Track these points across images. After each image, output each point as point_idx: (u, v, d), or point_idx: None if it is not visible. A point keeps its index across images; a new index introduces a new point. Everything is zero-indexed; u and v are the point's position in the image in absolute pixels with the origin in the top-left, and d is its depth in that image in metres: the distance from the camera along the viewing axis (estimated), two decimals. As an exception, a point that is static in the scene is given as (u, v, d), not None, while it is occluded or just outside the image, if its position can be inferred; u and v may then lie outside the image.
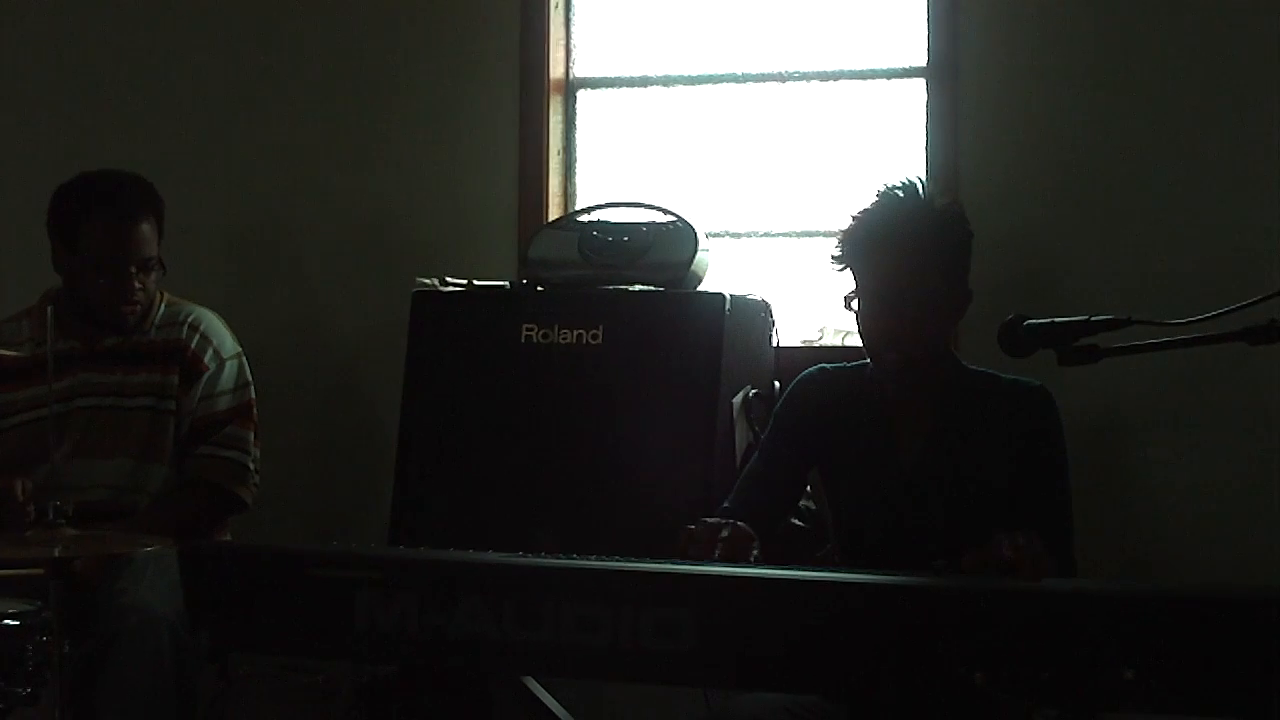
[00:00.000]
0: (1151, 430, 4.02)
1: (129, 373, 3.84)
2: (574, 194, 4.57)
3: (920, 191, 2.97)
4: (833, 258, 2.99)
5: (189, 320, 3.91)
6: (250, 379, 3.96)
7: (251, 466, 3.90)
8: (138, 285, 3.78)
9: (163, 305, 3.91)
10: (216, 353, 3.90)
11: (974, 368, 3.05)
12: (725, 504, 3.14)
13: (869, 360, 3.01)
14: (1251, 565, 3.86)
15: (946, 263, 2.94)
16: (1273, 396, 3.67)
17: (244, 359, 3.97)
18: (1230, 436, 3.96)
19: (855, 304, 2.96)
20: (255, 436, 3.93)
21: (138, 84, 4.80)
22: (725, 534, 2.72)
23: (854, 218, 2.97)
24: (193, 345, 3.88)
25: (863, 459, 3.04)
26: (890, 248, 2.91)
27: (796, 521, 3.44)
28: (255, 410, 3.96)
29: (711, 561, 2.66)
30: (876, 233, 2.93)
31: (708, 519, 2.80)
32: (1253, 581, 3.41)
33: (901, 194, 2.95)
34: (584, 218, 4.05)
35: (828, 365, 3.17)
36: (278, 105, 4.70)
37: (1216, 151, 3.99)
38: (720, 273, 4.05)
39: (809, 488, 3.43)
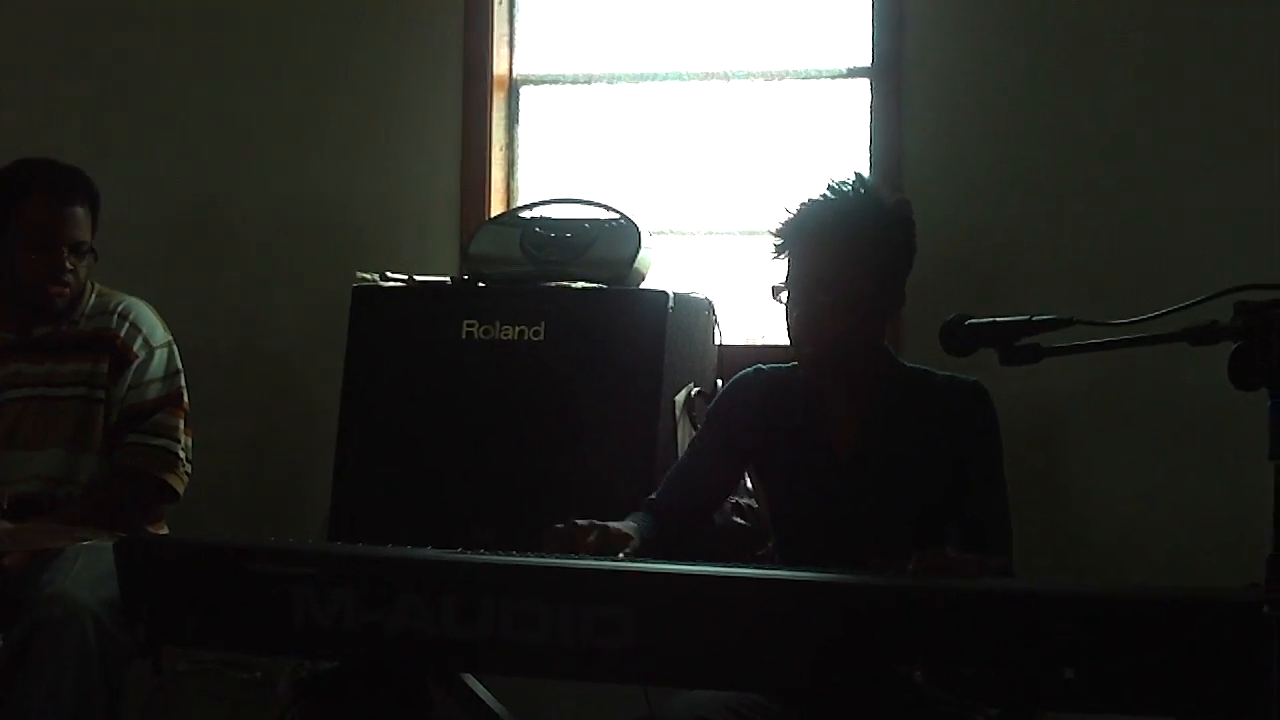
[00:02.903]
0: (1090, 430, 4.03)
1: (59, 362, 3.81)
2: (516, 190, 4.55)
3: (867, 189, 2.97)
4: (773, 245, 2.99)
5: (119, 309, 3.88)
6: (180, 368, 3.94)
7: (182, 455, 3.87)
8: (69, 267, 3.76)
9: (93, 295, 3.89)
10: (146, 341, 3.88)
11: (910, 364, 3.06)
12: (651, 497, 3.15)
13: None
14: (1187, 567, 3.88)
15: (880, 263, 2.94)
16: (1213, 398, 3.68)
17: (174, 348, 3.94)
18: (1170, 437, 3.97)
19: (783, 295, 2.97)
20: (186, 425, 3.90)
21: (71, 73, 4.73)
22: (592, 538, 2.71)
23: (790, 208, 2.98)
24: (122, 334, 3.85)
25: (798, 457, 3.05)
26: (817, 241, 2.92)
27: (738, 520, 3.45)
28: (186, 399, 3.93)
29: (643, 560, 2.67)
30: (807, 224, 2.94)
31: (578, 521, 2.77)
32: (1189, 583, 3.41)
33: (849, 190, 2.95)
34: (526, 214, 4.04)
35: (764, 366, 3.17)
36: (217, 97, 4.65)
37: (1160, 152, 4.01)
38: (663, 271, 4.04)
39: (750, 486, 3.43)
